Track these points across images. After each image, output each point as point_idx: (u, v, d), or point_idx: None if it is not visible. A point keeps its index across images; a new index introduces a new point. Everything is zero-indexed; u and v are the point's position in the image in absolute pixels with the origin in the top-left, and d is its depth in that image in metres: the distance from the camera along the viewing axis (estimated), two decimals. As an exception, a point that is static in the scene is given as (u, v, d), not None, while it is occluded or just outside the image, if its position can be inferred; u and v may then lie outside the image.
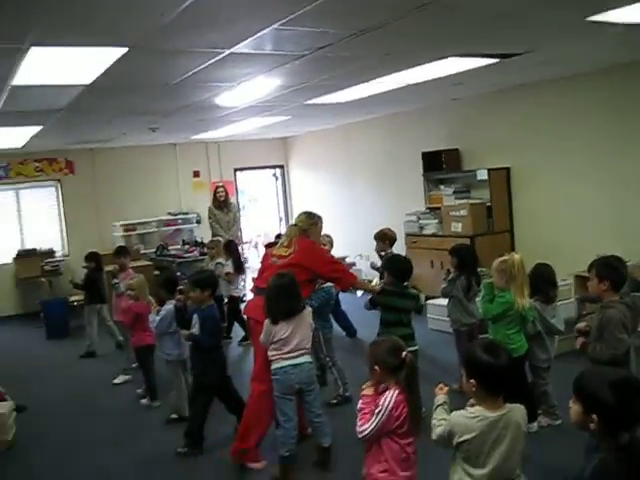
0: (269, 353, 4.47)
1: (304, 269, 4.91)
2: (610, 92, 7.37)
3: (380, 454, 3.17)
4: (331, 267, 5.28)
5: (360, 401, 3.24)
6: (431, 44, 5.30)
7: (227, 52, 4.88)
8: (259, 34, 4.41)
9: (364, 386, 3.28)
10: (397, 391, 3.12)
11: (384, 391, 3.17)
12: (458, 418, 2.76)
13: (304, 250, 5.07)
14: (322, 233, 7.93)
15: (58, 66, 4.93)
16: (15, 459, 5.44)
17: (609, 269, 4.03)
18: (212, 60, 5.12)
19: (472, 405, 2.83)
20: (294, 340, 4.42)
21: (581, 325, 4.18)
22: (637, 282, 5.76)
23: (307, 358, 4.53)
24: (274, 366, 4.46)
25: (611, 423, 2.16)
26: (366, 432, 3.12)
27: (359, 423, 3.16)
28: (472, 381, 2.72)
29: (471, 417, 2.73)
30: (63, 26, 3.94)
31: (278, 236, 9.10)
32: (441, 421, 2.88)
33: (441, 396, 3.01)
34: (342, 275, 5.37)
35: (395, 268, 5.38)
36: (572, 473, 2.23)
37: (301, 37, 4.62)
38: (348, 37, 4.72)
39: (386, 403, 3.09)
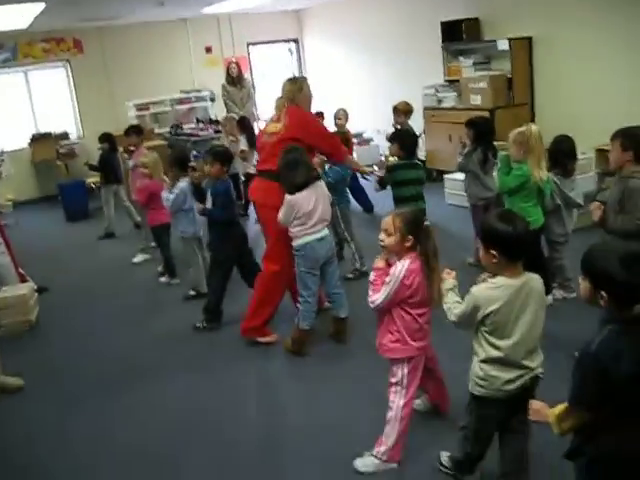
0: (292, 230, 4.45)
1: (297, 142, 4.66)
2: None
3: (392, 324, 3.20)
4: (324, 140, 5.01)
5: (372, 273, 3.24)
6: None
7: None
8: None
9: (376, 259, 3.27)
10: (409, 260, 3.10)
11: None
12: (482, 291, 2.73)
13: (294, 122, 4.79)
14: (338, 108, 7.86)
15: None
16: (38, 338, 5.61)
17: (634, 139, 3.89)
18: None
19: (484, 280, 2.81)
20: (316, 213, 4.42)
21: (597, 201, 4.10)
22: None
23: (327, 230, 4.58)
24: (299, 242, 4.46)
25: (621, 298, 2.14)
26: (378, 301, 3.14)
27: (370, 293, 3.18)
28: (492, 251, 2.67)
29: (495, 287, 2.70)
30: None
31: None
32: (455, 303, 2.87)
33: (450, 281, 2.99)
34: (334, 150, 5.15)
35: (406, 141, 5.39)
36: (582, 345, 2.22)
37: None
38: None
39: (397, 272, 3.08)
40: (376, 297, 3.15)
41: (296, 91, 4.89)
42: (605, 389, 2.10)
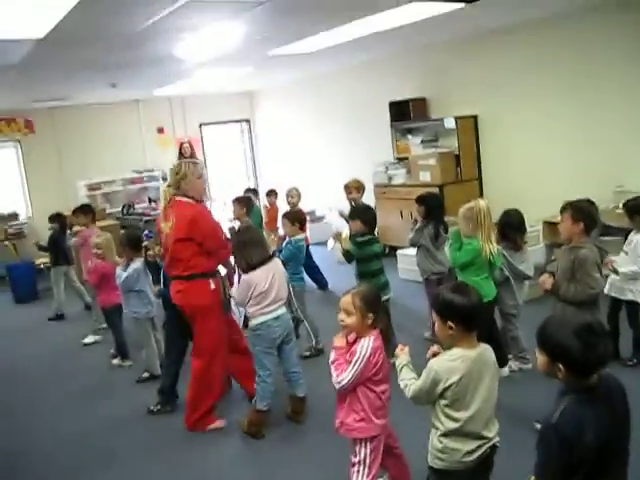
0: (249, 310, 4.41)
1: (188, 242, 4.43)
2: (578, 38, 7.28)
3: (357, 403, 3.16)
4: (214, 238, 4.57)
5: (332, 353, 3.20)
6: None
7: (185, -1, 4.71)
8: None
9: (335, 338, 3.24)
10: (373, 337, 3.10)
11: (355, 341, 3.14)
12: (441, 363, 2.74)
13: (182, 222, 4.43)
14: (290, 186, 7.96)
15: (7, 19, 4.70)
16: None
17: (583, 211, 4.08)
18: (171, 7, 4.93)
19: (434, 354, 2.83)
20: (273, 291, 4.39)
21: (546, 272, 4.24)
22: (604, 226, 5.81)
23: (284, 308, 4.54)
24: (255, 322, 4.41)
25: (577, 370, 2.17)
26: (344, 382, 3.08)
27: (335, 374, 3.11)
28: (449, 323, 2.70)
29: (453, 359, 2.71)
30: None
31: (247, 190, 8.99)
32: (411, 380, 2.86)
33: (403, 357, 2.99)
34: (221, 250, 4.67)
35: (368, 217, 5.46)
36: (543, 417, 2.23)
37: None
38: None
39: (364, 350, 3.06)
40: (342, 377, 3.09)
41: (181, 179, 4.51)
42: (570, 461, 2.09)
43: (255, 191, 8.56)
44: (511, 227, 5.06)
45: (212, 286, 4.59)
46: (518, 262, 5.09)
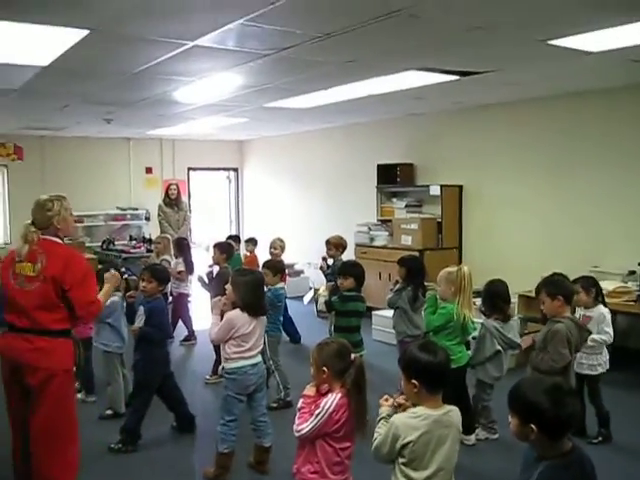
0: (227, 351, 4.35)
1: (56, 288, 3.68)
2: (562, 117, 7.58)
3: (313, 455, 3.14)
4: (85, 286, 3.78)
5: (301, 400, 3.20)
6: (395, 54, 5.33)
7: (190, 44, 4.83)
8: (225, 28, 4.38)
9: (307, 387, 3.25)
10: (339, 394, 3.10)
11: (326, 393, 3.14)
12: (402, 419, 2.74)
13: (56, 264, 3.70)
14: (275, 237, 8.00)
15: (15, 44, 4.80)
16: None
17: (557, 285, 4.17)
18: (174, 52, 5.06)
19: (399, 405, 2.83)
20: (254, 337, 4.38)
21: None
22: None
23: (260, 357, 4.52)
24: (232, 365, 4.36)
25: (549, 429, 2.20)
26: (303, 431, 3.09)
27: (297, 422, 3.12)
28: (414, 381, 2.72)
29: (414, 417, 2.72)
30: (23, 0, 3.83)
31: (230, 237, 9.02)
32: (380, 435, 2.84)
33: (384, 408, 2.94)
34: (90, 303, 3.83)
35: (358, 273, 5.50)
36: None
37: (267, 35, 4.60)
38: (313, 39, 4.72)
39: (327, 405, 3.06)
40: (302, 427, 3.10)
41: (53, 216, 3.87)
42: None
43: (237, 238, 8.61)
44: (499, 297, 5.09)
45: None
46: (507, 332, 5.12)
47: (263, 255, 8.04)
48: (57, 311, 3.72)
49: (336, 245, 7.29)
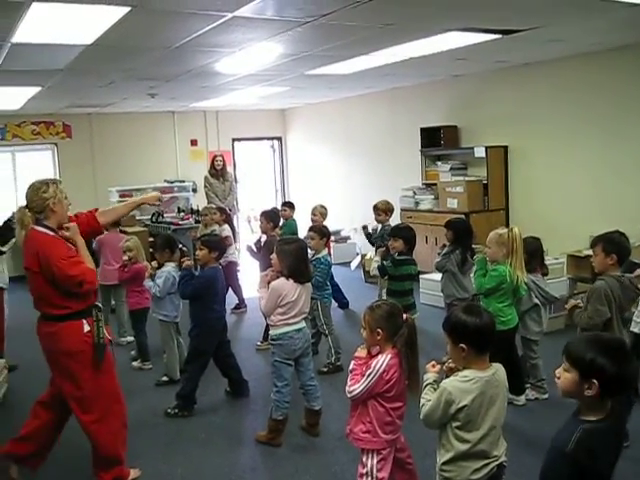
0: (272, 318, 4.46)
1: (36, 276, 3.80)
2: (610, 74, 7.35)
3: (365, 415, 3.22)
4: (60, 269, 3.71)
5: (352, 362, 3.27)
6: (435, 15, 5.27)
7: (230, 15, 4.84)
8: (264, -3, 4.39)
9: (358, 348, 3.31)
10: (390, 355, 3.16)
11: (377, 354, 3.20)
12: (454, 384, 2.74)
13: (30, 251, 3.79)
14: (317, 204, 8.01)
15: (59, 24, 4.89)
16: (4, 416, 5.45)
17: (615, 243, 4.13)
18: (214, 24, 5.08)
19: (450, 369, 2.84)
20: (299, 304, 4.46)
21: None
22: (632, 263, 5.82)
23: (305, 323, 4.62)
24: (277, 331, 4.48)
25: (611, 388, 2.14)
26: (355, 392, 3.17)
27: (349, 383, 3.20)
28: (462, 345, 2.74)
29: (466, 380, 2.73)
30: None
31: (284, 203, 8.93)
32: (429, 401, 2.84)
33: (431, 374, 2.95)
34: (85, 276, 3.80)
35: (408, 235, 5.55)
36: (554, 442, 2.23)
37: (305, 3, 4.59)
38: (352, 4, 4.68)
39: (378, 366, 3.12)
40: (354, 388, 3.17)
41: (50, 198, 3.94)
42: None
43: (292, 204, 8.55)
44: (534, 254, 5.12)
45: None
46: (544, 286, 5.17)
47: (304, 222, 8.07)
48: (53, 299, 3.83)
49: (384, 210, 7.31)
